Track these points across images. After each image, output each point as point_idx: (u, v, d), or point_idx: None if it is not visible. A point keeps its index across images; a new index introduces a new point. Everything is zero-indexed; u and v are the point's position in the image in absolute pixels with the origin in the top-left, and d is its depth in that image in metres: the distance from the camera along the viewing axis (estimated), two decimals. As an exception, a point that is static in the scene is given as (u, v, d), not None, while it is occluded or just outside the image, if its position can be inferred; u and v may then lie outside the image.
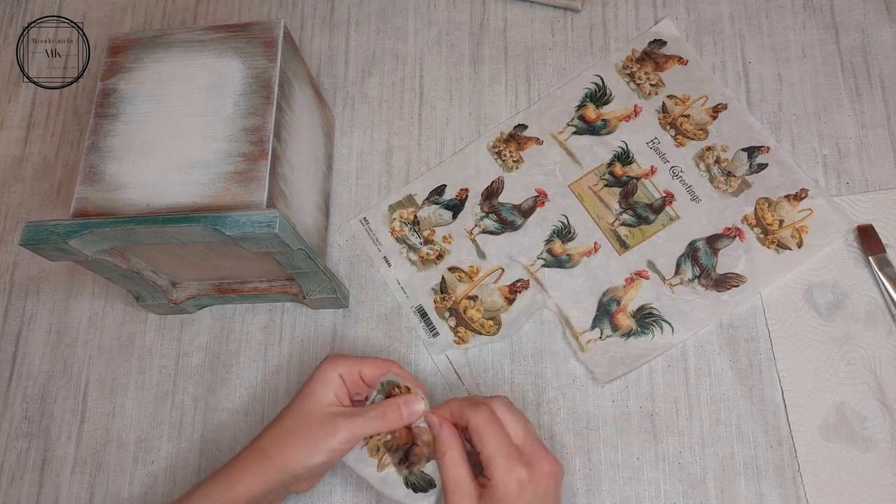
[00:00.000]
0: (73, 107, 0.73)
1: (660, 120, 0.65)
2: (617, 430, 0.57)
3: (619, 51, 0.68)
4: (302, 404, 0.50)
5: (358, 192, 0.67)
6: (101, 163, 0.53)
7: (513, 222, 0.64)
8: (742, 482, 0.54)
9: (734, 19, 0.67)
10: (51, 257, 0.50)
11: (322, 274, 0.56)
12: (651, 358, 0.58)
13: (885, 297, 0.57)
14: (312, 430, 0.48)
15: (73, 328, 0.65)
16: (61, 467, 0.61)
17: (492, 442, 0.46)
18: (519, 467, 0.45)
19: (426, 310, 0.62)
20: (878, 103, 0.63)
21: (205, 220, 0.47)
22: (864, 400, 0.55)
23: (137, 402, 0.62)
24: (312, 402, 0.49)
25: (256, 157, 0.51)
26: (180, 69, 0.55)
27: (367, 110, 0.69)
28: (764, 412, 0.56)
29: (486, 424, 0.46)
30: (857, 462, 0.54)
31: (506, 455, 0.45)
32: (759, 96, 0.65)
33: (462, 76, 0.69)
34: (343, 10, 0.73)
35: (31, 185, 0.71)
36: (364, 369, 0.51)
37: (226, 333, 0.63)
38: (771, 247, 0.60)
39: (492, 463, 0.45)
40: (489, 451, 0.46)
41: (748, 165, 0.62)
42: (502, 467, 0.45)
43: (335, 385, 0.50)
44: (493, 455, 0.45)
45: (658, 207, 0.62)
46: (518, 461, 0.45)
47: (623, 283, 0.60)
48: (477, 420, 0.46)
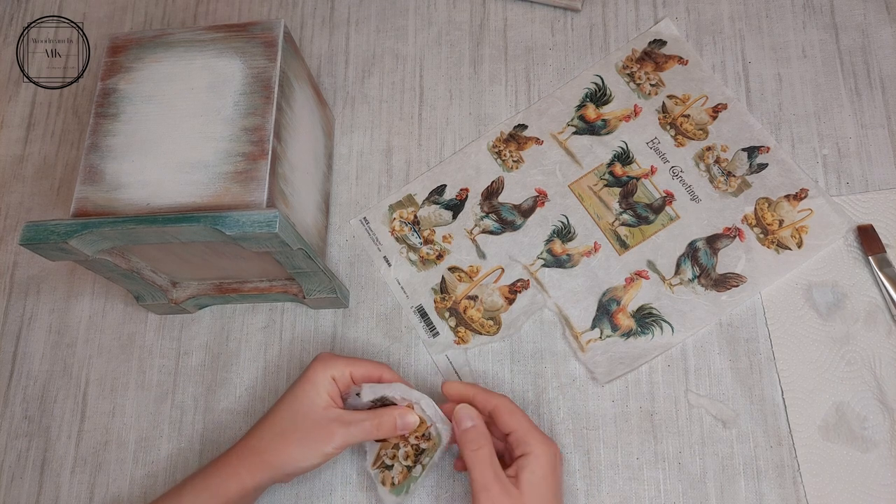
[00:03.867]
0: (73, 107, 0.73)
1: (660, 120, 0.65)
2: (617, 429, 0.57)
3: (619, 51, 0.68)
4: (295, 405, 0.50)
5: (358, 192, 0.67)
6: (101, 163, 0.53)
7: (513, 222, 0.64)
8: (742, 482, 0.54)
9: (734, 19, 0.67)
10: (51, 257, 0.50)
11: (322, 274, 0.57)
12: (651, 358, 0.58)
13: (885, 297, 0.57)
14: (308, 432, 0.48)
15: (73, 328, 0.65)
16: (61, 467, 0.61)
17: (525, 420, 0.48)
18: (551, 441, 0.49)
19: (426, 310, 0.62)
20: (878, 103, 0.63)
21: (205, 219, 0.47)
22: (864, 400, 0.55)
23: (137, 402, 0.62)
24: (306, 404, 0.49)
25: (256, 156, 0.51)
26: (180, 69, 0.55)
27: (367, 110, 0.69)
28: (764, 412, 0.56)
29: (515, 406, 0.49)
30: (857, 462, 0.54)
31: (539, 430, 0.48)
32: (759, 96, 0.65)
33: (462, 76, 0.69)
34: (343, 10, 0.73)
35: (32, 185, 0.71)
36: (356, 372, 0.51)
37: (226, 333, 0.63)
38: (771, 247, 0.60)
39: (531, 436, 0.48)
40: (525, 426, 0.48)
41: (748, 165, 0.62)
42: (541, 441, 0.48)
43: (328, 387, 0.50)
44: (529, 429, 0.48)
45: (658, 207, 0.62)
46: (548, 437, 0.49)
47: (623, 283, 0.60)
48: (506, 403, 0.49)
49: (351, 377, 0.51)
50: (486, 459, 0.47)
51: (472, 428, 0.48)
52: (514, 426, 0.48)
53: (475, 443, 0.48)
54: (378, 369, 0.51)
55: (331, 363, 0.51)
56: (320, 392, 0.50)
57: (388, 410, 0.50)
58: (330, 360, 0.51)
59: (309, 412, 0.49)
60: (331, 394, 0.50)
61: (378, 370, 0.51)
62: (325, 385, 0.50)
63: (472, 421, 0.49)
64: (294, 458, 0.48)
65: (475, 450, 0.47)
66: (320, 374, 0.50)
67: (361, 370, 0.51)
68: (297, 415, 0.49)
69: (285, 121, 0.55)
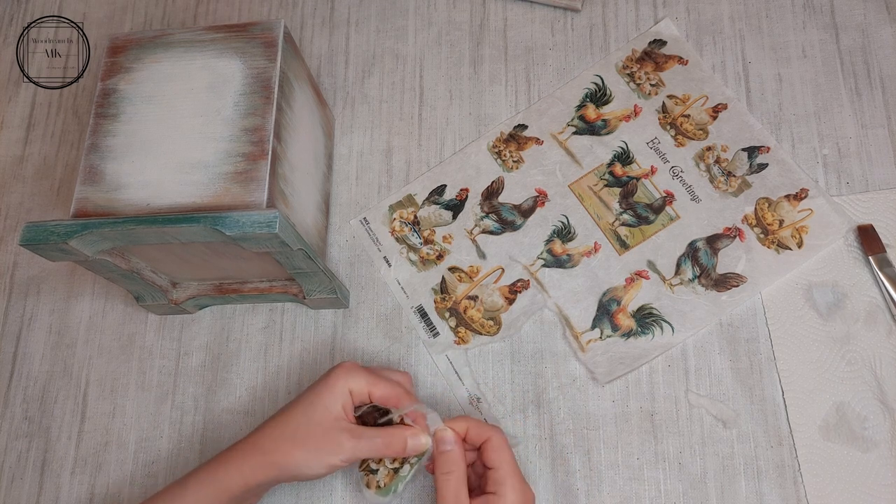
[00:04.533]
0: (73, 107, 0.73)
1: (660, 120, 0.65)
2: (617, 430, 0.57)
3: (620, 51, 0.68)
4: (309, 411, 0.49)
5: (358, 192, 0.67)
6: (101, 163, 0.53)
7: (513, 222, 0.64)
8: (742, 482, 0.54)
9: (734, 19, 0.67)
10: (51, 257, 0.50)
11: (322, 274, 0.56)
12: (651, 358, 0.58)
13: (885, 297, 0.57)
14: (318, 440, 0.48)
15: (73, 328, 0.65)
16: (61, 467, 0.61)
17: (510, 461, 0.49)
18: (527, 488, 0.49)
19: (426, 310, 0.62)
20: (878, 103, 0.63)
21: (205, 220, 0.47)
22: (865, 400, 0.55)
23: (137, 403, 0.62)
24: (320, 411, 0.49)
25: (256, 157, 0.51)
26: (180, 69, 0.55)
27: (367, 110, 0.69)
28: (764, 412, 0.56)
29: (503, 444, 0.49)
30: (858, 462, 0.54)
31: (519, 475, 0.49)
32: (759, 96, 0.65)
33: (462, 76, 0.69)
34: (343, 10, 0.73)
35: (32, 185, 0.71)
36: (375, 392, 0.50)
37: (226, 333, 0.63)
38: (771, 247, 0.60)
39: (508, 479, 0.48)
40: (508, 468, 0.49)
41: (748, 165, 0.62)
42: (515, 487, 0.48)
43: (344, 398, 0.49)
44: (510, 473, 0.48)
45: (658, 207, 0.62)
46: (525, 483, 0.49)
47: (623, 283, 0.60)
48: (500, 440, 0.49)
49: (369, 396, 0.50)
50: (453, 486, 0.48)
51: (448, 452, 0.49)
52: (497, 464, 0.48)
53: (446, 466, 0.49)
54: (397, 392, 0.50)
55: (353, 375, 0.50)
56: (336, 401, 0.49)
57: (399, 430, 0.49)
58: (353, 372, 0.50)
59: (322, 420, 0.48)
60: (345, 406, 0.49)
61: (397, 393, 0.50)
62: (342, 395, 0.49)
63: (448, 445, 0.49)
64: (299, 464, 0.48)
65: (445, 473, 0.48)
66: (340, 384, 0.49)
67: (381, 391, 0.50)
68: (311, 421, 0.49)
69: (285, 121, 0.55)
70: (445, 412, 0.59)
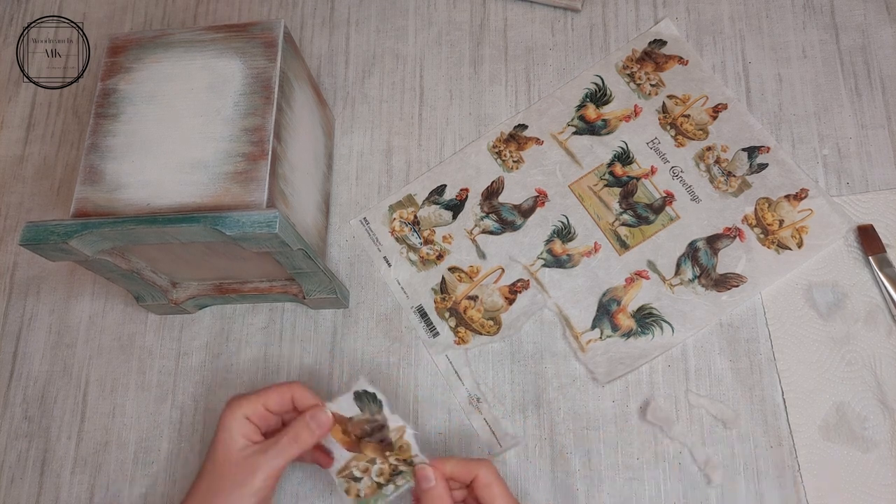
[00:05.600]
0: (73, 107, 0.73)
1: (660, 120, 0.65)
2: (617, 430, 0.57)
3: (620, 51, 0.68)
4: (214, 458, 0.49)
5: (358, 192, 0.67)
6: (101, 163, 0.53)
7: (513, 222, 0.64)
8: (742, 482, 0.54)
9: (734, 19, 0.67)
10: (51, 257, 0.50)
11: (322, 274, 0.56)
12: (651, 358, 0.58)
13: (885, 297, 0.57)
14: (230, 478, 0.48)
15: (73, 328, 0.65)
16: (61, 467, 0.61)
17: (504, 494, 0.48)
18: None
19: (426, 310, 0.62)
20: (878, 103, 0.63)
21: (205, 220, 0.47)
22: (865, 400, 0.55)
23: (137, 403, 0.62)
24: (223, 452, 0.49)
25: (256, 157, 0.51)
26: (180, 69, 0.55)
27: (367, 110, 0.69)
28: (764, 412, 0.56)
29: (497, 479, 0.49)
30: (858, 462, 0.54)
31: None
32: (759, 96, 0.65)
33: (462, 76, 0.69)
34: (343, 10, 0.73)
35: (32, 185, 0.71)
36: (267, 402, 0.50)
37: (226, 333, 0.63)
38: (771, 247, 0.60)
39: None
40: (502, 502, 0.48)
41: (748, 165, 0.62)
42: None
43: (241, 428, 0.49)
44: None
45: (658, 207, 0.62)
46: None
47: (623, 283, 0.60)
48: (489, 475, 0.49)
49: (265, 409, 0.50)
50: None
51: (431, 489, 0.49)
52: (489, 501, 0.48)
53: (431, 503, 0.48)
54: (288, 391, 0.50)
55: (238, 404, 0.50)
56: (234, 436, 0.49)
57: (299, 420, 0.49)
58: (237, 402, 0.50)
59: (227, 458, 0.48)
60: (246, 433, 0.49)
61: (288, 391, 0.50)
62: (238, 428, 0.49)
63: (431, 482, 0.49)
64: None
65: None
66: (230, 419, 0.49)
67: (273, 399, 0.50)
68: (217, 465, 0.48)
69: (285, 121, 0.55)
70: (445, 412, 0.59)
